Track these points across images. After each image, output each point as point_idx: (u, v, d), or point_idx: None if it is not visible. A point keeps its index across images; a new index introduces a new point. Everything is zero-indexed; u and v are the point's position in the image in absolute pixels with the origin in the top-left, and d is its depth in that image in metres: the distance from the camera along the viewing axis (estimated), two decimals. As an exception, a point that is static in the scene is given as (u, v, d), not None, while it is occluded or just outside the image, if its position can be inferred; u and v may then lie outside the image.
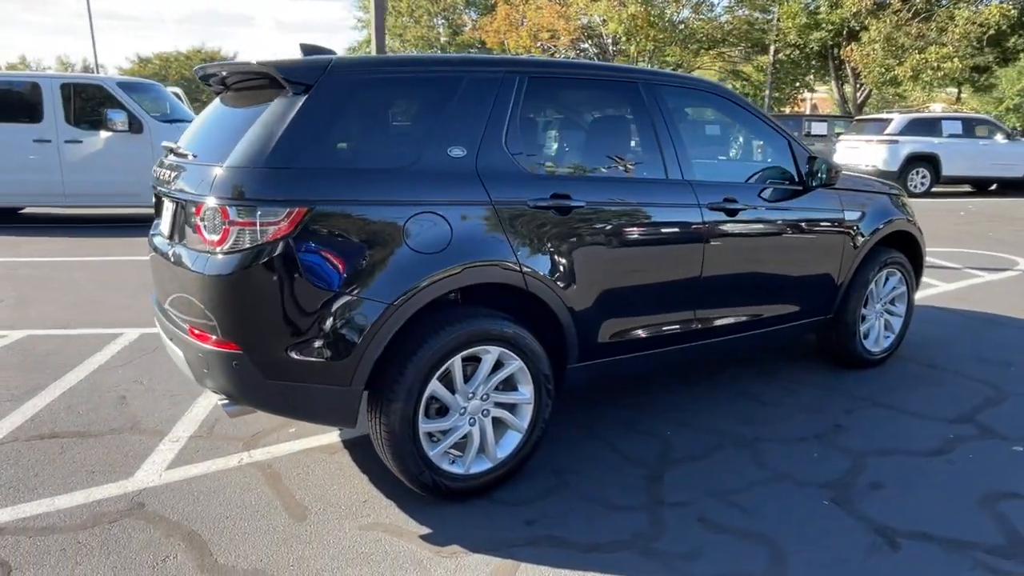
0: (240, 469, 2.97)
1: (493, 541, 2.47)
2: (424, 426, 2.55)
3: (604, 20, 25.29)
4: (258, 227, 2.26)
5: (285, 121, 2.35)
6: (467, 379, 2.65)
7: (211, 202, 2.30)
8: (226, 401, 2.49)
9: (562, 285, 2.77)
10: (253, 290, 2.29)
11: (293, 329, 2.33)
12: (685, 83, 3.46)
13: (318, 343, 2.34)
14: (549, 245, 2.73)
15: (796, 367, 4.22)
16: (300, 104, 2.37)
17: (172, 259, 2.56)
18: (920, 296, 5.86)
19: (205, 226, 2.33)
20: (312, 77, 2.41)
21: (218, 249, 2.30)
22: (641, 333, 3.12)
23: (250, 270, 2.27)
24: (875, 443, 3.24)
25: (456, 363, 2.57)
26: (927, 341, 4.74)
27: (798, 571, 2.31)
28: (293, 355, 2.34)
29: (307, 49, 2.80)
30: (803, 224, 3.62)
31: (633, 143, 3.15)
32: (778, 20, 23.09)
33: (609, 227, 2.90)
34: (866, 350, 4.14)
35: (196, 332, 2.45)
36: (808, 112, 29.46)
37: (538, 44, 27.85)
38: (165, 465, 2.99)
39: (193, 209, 2.40)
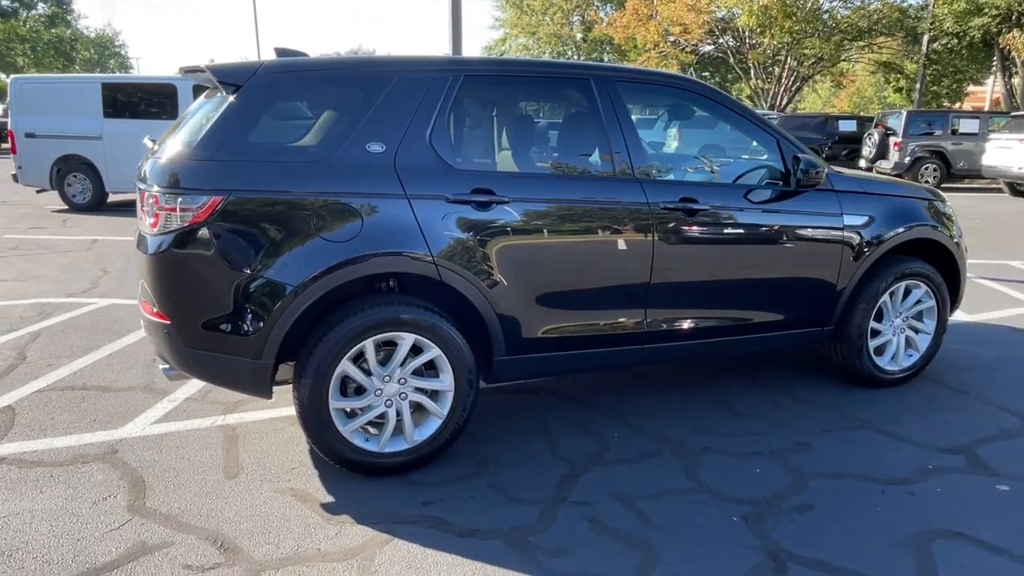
0: (209, 430, 3.33)
1: (382, 515, 2.61)
2: (336, 403, 2.74)
3: (736, 12, 24.17)
4: (178, 213, 2.55)
5: (213, 118, 2.63)
6: (386, 363, 2.81)
7: (149, 190, 2.63)
8: (166, 365, 2.82)
9: (482, 279, 2.84)
10: (176, 268, 2.59)
11: (209, 305, 2.61)
12: (652, 79, 3.36)
13: (230, 319, 2.61)
14: (468, 239, 2.81)
15: (801, 381, 3.96)
16: (227, 103, 2.64)
17: (136, 241, 2.93)
18: (1001, 315, 5.24)
19: (146, 211, 2.67)
20: (242, 79, 2.67)
21: (153, 232, 2.62)
22: (579, 331, 3.11)
23: (173, 250, 2.57)
24: (834, 466, 3.00)
25: (369, 346, 2.73)
26: (974, 364, 4.25)
27: (660, 581, 2.26)
28: (210, 328, 2.62)
29: (280, 52, 3.08)
30: (787, 227, 3.40)
31: (577, 140, 3.14)
32: (932, 6, 20.85)
33: (537, 224, 2.92)
34: (877, 367, 3.80)
35: (145, 303, 2.80)
36: (960, 108, 26.32)
37: (668, 39, 27.15)
38: (152, 421, 3.42)
39: (140, 196, 2.74)
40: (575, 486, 2.83)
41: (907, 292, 3.83)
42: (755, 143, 3.50)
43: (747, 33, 26.06)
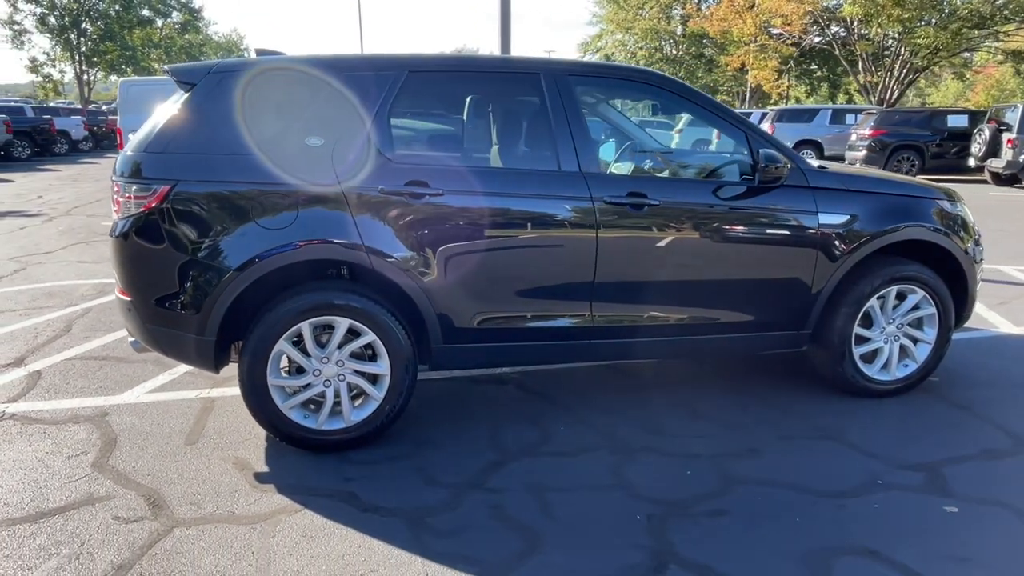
0: (191, 401, 3.63)
1: (304, 487, 2.78)
2: (274, 380, 2.93)
3: (840, 1, 22.76)
4: (134, 200, 2.82)
5: (168, 114, 2.88)
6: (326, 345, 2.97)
7: (115, 179, 2.92)
8: (133, 339, 3.12)
9: (414, 268, 2.95)
10: (133, 250, 2.87)
11: (161, 284, 2.87)
12: (609, 73, 3.33)
13: (178, 297, 2.85)
14: (400, 229, 2.92)
15: (783, 387, 3.79)
16: (182, 100, 2.89)
17: None
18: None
19: (113, 199, 2.96)
20: (196, 78, 2.91)
21: (116, 217, 2.91)
22: (521, 324, 3.15)
23: (131, 234, 2.85)
24: (773, 473, 2.88)
25: (306, 328, 2.91)
26: (995, 379, 3.92)
27: (534, 569, 2.28)
28: (161, 305, 2.88)
29: (259, 51, 3.32)
30: (751, 224, 3.28)
31: (522, 135, 3.16)
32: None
33: (472, 216, 2.99)
34: (863, 376, 3.57)
35: (116, 282, 3.11)
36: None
37: (768, 30, 25.99)
38: (147, 390, 3.76)
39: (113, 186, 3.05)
40: (495, 474, 2.88)
41: (902, 297, 3.58)
42: (728, 140, 3.39)
43: (854, 23, 24.50)
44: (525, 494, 2.73)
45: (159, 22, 46.94)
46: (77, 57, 40.19)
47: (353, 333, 2.98)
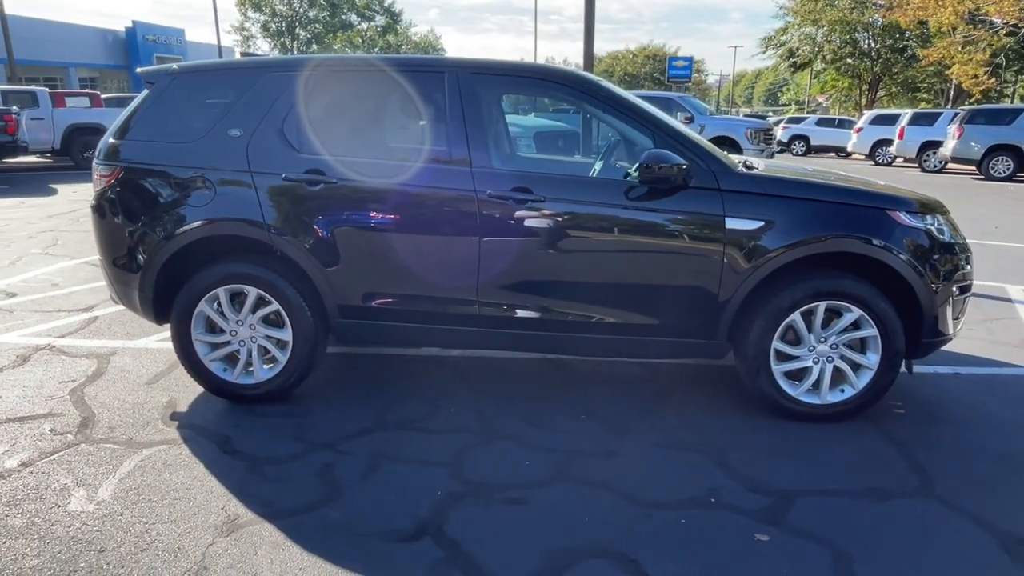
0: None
1: (195, 428, 3.26)
2: (197, 336, 3.44)
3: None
4: (99, 178, 3.47)
5: (132, 108, 3.49)
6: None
7: (94, 161, 3.59)
8: (111, 292, 3.81)
9: (309, 247, 3.30)
10: (100, 219, 3.51)
11: (114, 247, 3.49)
12: (515, 72, 3.40)
13: (124, 260, 3.46)
14: (298, 211, 3.29)
15: (726, 400, 3.63)
16: (142, 97, 3.48)
17: None
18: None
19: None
20: (156, 78, 3.49)
21: (93, 192, 3.59)
22: (410, 307, 3.37)
23: (97, 207, 3.50)
24: (607, 475, 2.86)
25: (222, 293, 3.39)
26: (963, 420, 3.44)
27: (310, 518, 2.53)
28: (117, 266, 3.50)
29: (244, 54, 3.88)
30: (645, 226, 3.20)
31: (418, 130, 3.35)
32: None
33: (361, 203, 3.27)
34: (783, 395, 3.33)
35: (97, 247, 3.80)
36: None
37: (975, 18, 22.79)
38: (158, 339, 4.50)
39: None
40: (354, 440, 3.15)
41: (831, 315, 3.28)
42: (638, 142, 3.33)
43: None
44: (362, 459, 2.98)
45: (364, 25, 51.67)
46: (290, 58, 45.84)
47: (265, 302, 3.40)
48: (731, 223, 3.18)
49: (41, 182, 13.62)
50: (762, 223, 3.18)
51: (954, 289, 3.34)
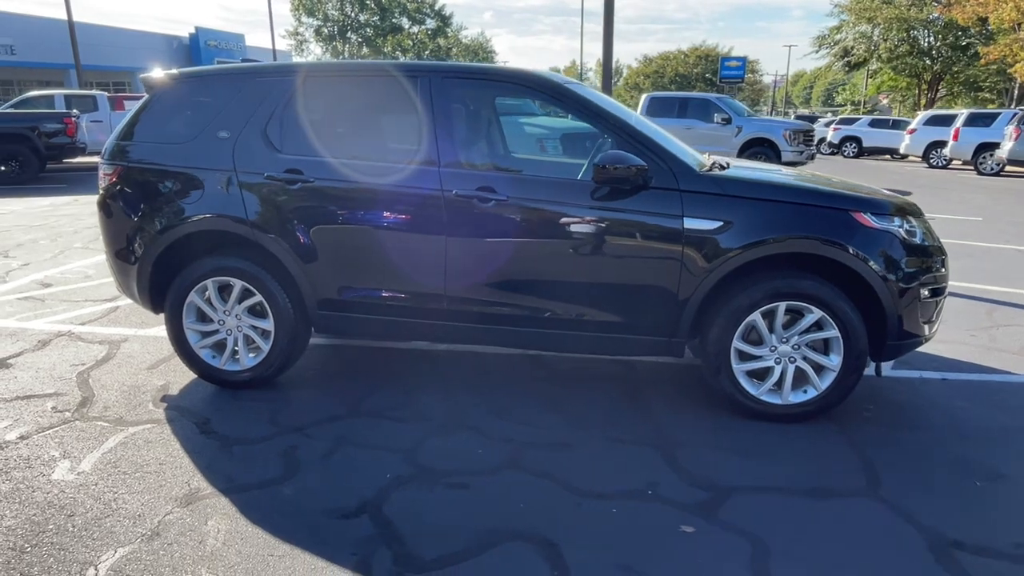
0: (185, 339, 4.56)
1: (181, 410, 3.49)
2: (188, 324, 3.69)
3: None
4: (103, 176, 3.75)
5: (134, 112, 3.76)
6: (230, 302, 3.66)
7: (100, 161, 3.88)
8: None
9: (287, 242, 3.49)
10: (104, 213, 3.79)
11: (116, 241, 3.76)
12: (486, 75, 3.52)
13: (124, 252, 3.72)
14: (277, 208, 3.49)
15: (698, 399, 3.68)
16: (144, 101, 3.74)
17: None
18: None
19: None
20: (156, 84, 3.74)
21: (99, 189, 3.87)
22: (382, 301, 3.53)
23: (101, 203, 3.78)
24: (553, 466, 2.95)
25: (210, 285, 3.62)
26: (937, 425, 3.39)
27: (264, 494, 2.72)
28: (119, 257, 3.78)
29: (244, 60, 4.12)
30: (606, 225, 3.28)
31: (391, 132, 3.50)
32: None
33: (335, 201, 3.44)
34: (744, 394, 3.36)
35: (106, 241, 4.09)
36: None
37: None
38: (167, 328, 4.79)
39: (102, 166, 4.01)
40: (324, 426, 3.32)
41: (792, 315, 3.29)
42: (600, 143, 3.41)
43: None
44: (326, 442, 3.15)
45: (414, 29, 52.48)
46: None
47: (249, 294, 3.62)
48: (689, 223, 3.23)
49: (96, 181, 14.40)
50: (720, 223, 3.22)
51: (924, 292, 3.31)
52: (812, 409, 3.34)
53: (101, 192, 3.79)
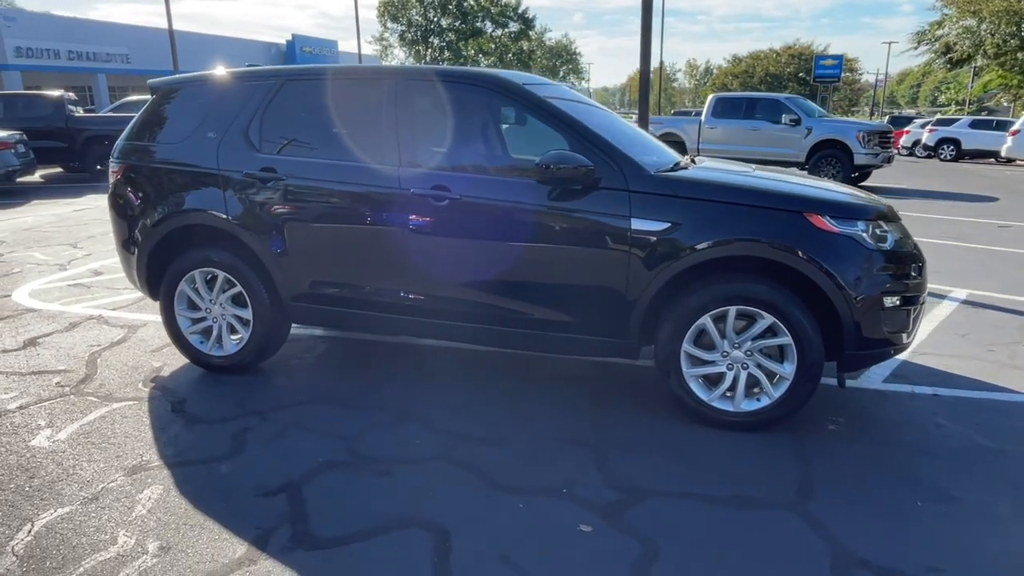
0: (196, 326, 4.90)
1: (164, 390, 3.77)
2: (179, 311, 3.98)
3: None
4: (111, 173, 4.10)
5: (140, 115, 4.09)
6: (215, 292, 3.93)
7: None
8: (126, 269, 4.45)
9: (261, 236, 3.70)
10: (113, 207, 4.14)
11: (120, 232, 4.10)
12: (450, 78, 3.59)
13: (128, 241, 4.06)
14: (253, 204, 3.71)
15: (655, 408, 3.64)
16: (147, 104, 4.07)
17: None
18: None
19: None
20: (157, 88, 4.06)
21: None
22: (348, 294, 3.68)
23: (112, 196, 4.14)
24: (475, 458, 3.01)
25: (197, 276, 3.89)
26: (907, 443, 3.21)
27: (206, 469, 2.92)
28: (123, 247, 4.12)
29: (248, 66, 4.41)
30: (554, 224, 3.29)
31: (359, 133, 3.64)
32: None
33: (305, 198, 3.62)
34: (694, 399, 3.29)
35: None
36: None
37: None
38: (185, 315, 5.15)
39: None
40: (284, 411, 3.51)
41: (745, 320, 3.19)
42: (554, 144, 3.41)
43: None
44: (277, 426, 3.33)
45: (497, 31, 53.08)
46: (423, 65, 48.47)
47: (231, 284, 3.86)
48: (636, 224, 3.20)
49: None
50: (668, 224, 3.18)
51: (892, 300, 3.14)
52: (765, 418, 3.24)
53: (110, 188, 4.15)
